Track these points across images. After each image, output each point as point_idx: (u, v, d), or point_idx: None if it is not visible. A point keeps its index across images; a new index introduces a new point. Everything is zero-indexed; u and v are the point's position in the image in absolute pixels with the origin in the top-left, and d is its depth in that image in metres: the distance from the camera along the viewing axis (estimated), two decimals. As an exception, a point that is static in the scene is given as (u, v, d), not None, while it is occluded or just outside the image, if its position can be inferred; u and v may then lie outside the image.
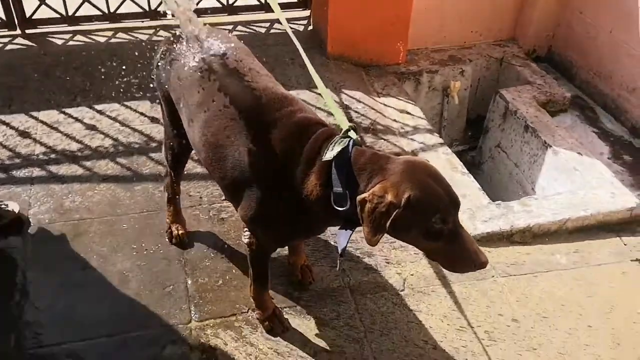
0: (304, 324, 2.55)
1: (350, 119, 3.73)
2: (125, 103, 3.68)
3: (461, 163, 3.45)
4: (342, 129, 2.02)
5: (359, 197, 1.84)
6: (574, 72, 4.55)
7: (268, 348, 2.44)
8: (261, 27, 4.53)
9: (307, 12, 4.62)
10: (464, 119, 4.72)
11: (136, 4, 4.32)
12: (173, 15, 2.18)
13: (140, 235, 2.87)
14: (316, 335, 2.51)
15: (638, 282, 2.89)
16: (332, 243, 2.87)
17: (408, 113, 3.83)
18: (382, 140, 3.57)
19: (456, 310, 2.67)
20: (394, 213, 1.79)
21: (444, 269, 2.11)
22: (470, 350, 2.51)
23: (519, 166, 4.00)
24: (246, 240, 2.27)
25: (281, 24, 4.50)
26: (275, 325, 2.49)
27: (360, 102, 3.88)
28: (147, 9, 4.34)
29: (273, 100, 2.11)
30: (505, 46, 4.74)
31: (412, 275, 2.81)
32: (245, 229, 2.27)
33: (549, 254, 3.00)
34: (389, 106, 3.89)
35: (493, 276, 2.84)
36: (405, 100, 3.98)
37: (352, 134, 1.98)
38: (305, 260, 2.71)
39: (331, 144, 1.93)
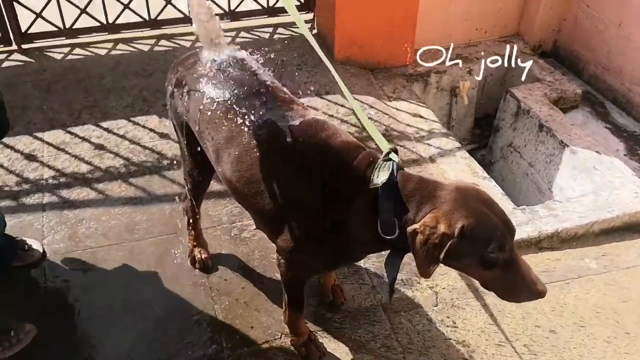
0: (340, 348, 2.47)
1: (363, 126, 3.65)
2: (133, 119, 3.56)
3: (481, 167, 3.39)
4: (381, 150, 1.95)
5: (409, 228, 1.77)
6: (581, 67, 4.50)
7: (306, 375, 2.37)
8: (264, 32, 4.42)
9: (309, 15, 4.52)
10: (472, 118, 4.67)
11: (136, 13, 4.19)
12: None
13: (161, 260, 2.78)
14: (353, 359, 2.44)
15: (669, 283, 2.87)
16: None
17: (421, 117, 3.76)
18: (399, 147, 3.50)
19: (493, 324, 2.62)
20: (448, 244, 1.71)
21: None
22: (510, 364, 2.47)
23: (533, 166, 3.95)
24: (282, 268, 2.18)
25: (286, 28, 4.46)
26: (312, 351, 2.41)
27: (372, 107, 3.80)
28: (147, 18, 4.21)
29: (307, 127, 2.01)
30: (510, 42, 4.68)
31: (443, 288, 2.75)
32: (280, 257, 2.18)
33: (579, 259, 2.96)
34: (401, 110, 3.81)
35: (525, 285, 2.79)
36: (416, 103, 3.91)
37: (393, 156, 1.90)
38: (336, 280, 2.64)
39: (375, 169, 1.85)
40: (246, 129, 2.02)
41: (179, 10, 4.27)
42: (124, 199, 3.07)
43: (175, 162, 3.29)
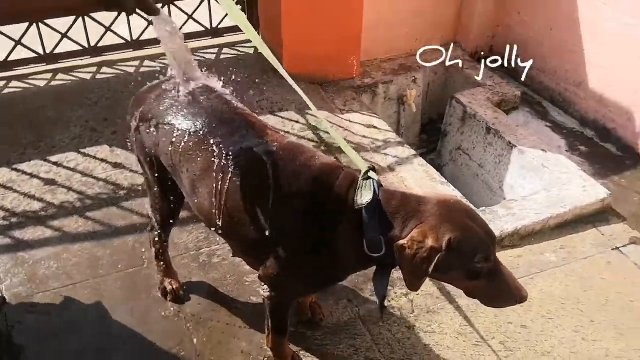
0: (321, 367, 2.48)
1: (321, 140, 3.68)
2: (82, 150, 3.44)
3: (438, 173, 3.48)
4: (360, 170, 1.97)
5: (397, 244, 1.79)
6: (517, 70, 4.70)
7: (294, 396, 2.35)
8: (210, 53, 4.38)
9: (252, 34, 4.52)
10: (419, 125, 4.79)
11: (74, 42, 4.06)
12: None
13: (131, 295, 2.69)
14: (337, 373, 2.45)
15: (622, 270, 3.03)
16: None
17: (375, 127, 3.83)
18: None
19: (468, 326, 2.68)
20: (437, 258, 1.75)
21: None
22: (489, 363, 2.54)
23: (483, 167, 4.09)
24: (267, 294, 2.16)
25: (232, 47, 4.43)
26: (297, 374, 2.41)
27: (327, 121, 3.83)
28: (86, 45, 4.09)
29: (285, 152, 2.01)
30: (449, 50, 4.83)
31: (418, 295, 2.79)
32: (263, 284, 2.16)
33: (539, 254, 3.08)
34: (355, 122, 3.87)
35: (493, 285, 2.88)
36: (368, 114, 3.97)
37: (372, 174, 1.93)
38: (313, 298, 2.63)
39: (358, 189, 1.87)
40: (223, 159, 2.00)
41: (120, 37, 4.18)
42: (83, 234, 2.95)
43: (132, 192, 3.20)
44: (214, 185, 2.01)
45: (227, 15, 4.40)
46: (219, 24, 4.42)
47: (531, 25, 4.46)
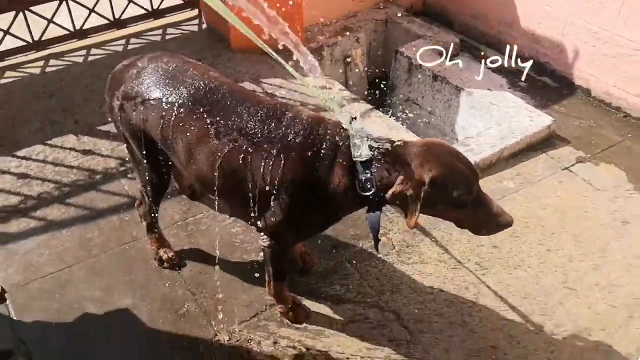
0: (321, 305, 2.66)
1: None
2: (48, 142, 3.45)
3: (397, 123, 3.69)
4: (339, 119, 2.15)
5: (388, 193, 2.00)
6: (451, 19, 4.95)
7: (300, 335, 2.53)
8: (155, 34, 4.40)
9: (195, 12, 4.57)
10: (365, 82, 4.97)
11: (18, 37, 4.01)
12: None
13: (128, 268, 2.79)
14: (336, 311, 2.64)
15: (573, 186, 3.34)
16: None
17: (328, 88, 3.99)
18: (318, 119, 3.71)
19: (445, 253, 2.93)
20: (423, 193, 1.96)
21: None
22: (469, 282, 2.79)
23: (434, 113, 4.33)
24: (266, 243, 2.31)
25: (176, 27, 4.46)
26: (298, 313, 2.58)
27: (282, 87, 3.97)
28: (30, 40, 4.04)
29: (272, 110, 2.16)
30: (385, 7, 5.03)
31: (395, 233, 3.01)
32: (262, 234, 2.31)
33: (498, 182, 3.36)
34: (309, 85, 4.01)
35: (462, 214, 3.13)
36: (319, 77, 4.11)
37: (355, 123, 2.11)
38: (302, 247, 2.81)
39: (353, 139, 2.05)
40: (218, 124, 2.12)
41: (64, 28, 4.14)
42: (68, 220, 3.01)
43: (107, 175, 3.26)
44: (212, 150, 2.13)
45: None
46: (159, 4, 4.44)
47: (460, -25, 4.71)
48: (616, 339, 2.55)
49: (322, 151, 2.09)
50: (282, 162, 2.08)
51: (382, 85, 4.68)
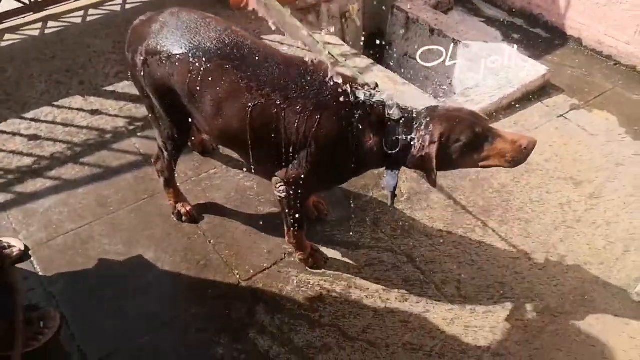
0: (337, 251, 2.78)
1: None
2: (55, 104, 3.48)
3: (398, 76, 3.77)
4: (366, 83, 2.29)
5: (412, 160, 2.19)
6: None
7: (319, 280, 2.66)
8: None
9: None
10: (361, 38, 5.02)
11: (13, -1, 3.98)
12: None
13: (147, 223, 2.88)
14: (352, 256, 2.77)
15: (568, 132, 3.48)
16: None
17: (330, 44, 4.04)
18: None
19: (450, 199, 3.06)
20: (435, 151, 2.12)
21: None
22: (475, 225, 2.93)
23: (431, 67, 4.41)
24: (283, 195, 2.40)
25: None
26: (317, 259, 2.71)
27: (283, 44, 4.01)
28: (27, 2, 4.01)
29: (304, 67, 2.23)
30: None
31: (404, 182, 3.13)
32: (280, 184, 2.40)
33: (498, 131, 3.48)
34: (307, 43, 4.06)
35: (465, 162, 3.25)
36: (320, 32, 4.16)
37: (380, 89, 2.26)
38: (315, 198, 2.91)
39: (386, 104, 2.20)
40: (248, 78, 2.17)
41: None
42: (84, 179, 3.07)
43: (117, 134, 3.31)
44: (243, 104, 2.18)
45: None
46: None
47: None
48: (614, 271, 2.72)
49: (356, 109, 2.19)
50: (318, 117, 2.17)
51: (378, 41, 4.74)
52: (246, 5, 4.27)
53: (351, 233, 2.87)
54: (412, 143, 2.17)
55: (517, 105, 3.64)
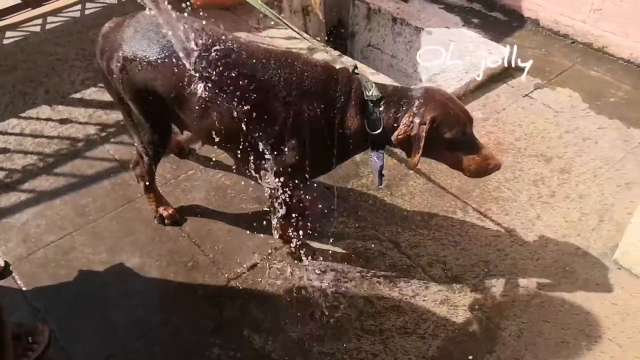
0: (324, 242, 2.80)
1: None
2: (22, 115, 3.40)
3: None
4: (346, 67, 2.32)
5: (394, 137, 2.20)
6: (400, -38, 5.05)
7: (308, 272, 2.68)
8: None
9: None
10: (324, 31, 5.05)
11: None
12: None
13: (129, 230, 2.84)
14: (338, 247, 2.79)
15: (535, 111, 3.57)
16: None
17: (295, 38, 4.05)
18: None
19: (429, 182, 3.12)
20: (424, 132, 2.13)
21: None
22: (455, 207, 2.99)
23: (396, 56, 4.47)
24: (273, 185, 2.40)
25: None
26: (305, 252, 2.72)
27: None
28: None
29: (283, 58, 2.24)
30: None
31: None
32: (267, 177, 2.41)
33: (467, 114, 3.55)
34: (275, 37, 4.07)
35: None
36: (284, 27, 4.16)
37: (358, 70, 2.28)
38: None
39: (364, 82, 2.24)
40: (233, 74, 2.17)
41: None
42: (59, 189, 3.01)
43: (89, 142, 3.26)
44: (233, 100, 2.18)
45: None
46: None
47: None
48: (591, 241, 2.82)
49: (337, 94, 2.23)
50: (301, 106, 2.19)
51: (342, 31, 4.78)
52: (208, 3, 4.24)
53: (335, 223, 2.89)
54: (397, 123, 2.20)
55: (483, 88, 3.73)
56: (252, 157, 2.34)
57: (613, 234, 2.83)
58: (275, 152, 2.28)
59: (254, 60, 2.23)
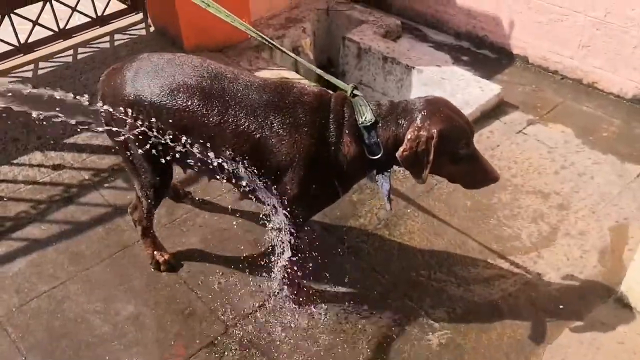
0: (324, 286, 2.75)
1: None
2: (14, 161, 3.35)
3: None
4: (343, 90, 2.32)
5: (398, 153, 2.16)
6: (389, 3, 5.13)
7: (309, 316, 2.62)
8: (103, 42, 4.31)
9: (139, 16, 4.51)
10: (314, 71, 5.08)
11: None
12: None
13: (124, 277, 2.78)
14: (338, 290, 2.74)
15: (529, 147, 3.60)
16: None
17: (287, 78, 4.07)
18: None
19: (428, 220, 3.09)
20: (433, 146, 2.10)
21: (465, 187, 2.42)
22: (456, 245, 2.96)
23: (387, 94, 4.50)
24: (293, 220, 2.35)
25: (123, 32, 4.39)
26: (306, 296, 2.67)
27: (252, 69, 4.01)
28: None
29: (277, 88, 2.25)
30: (323, -4, 5.14)
31: (378, 209, 3.15)
32: (285, 210, 2.35)
33: (462, 152, 3.56)
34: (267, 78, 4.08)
35: (436, 184, 3.29)
36: (276, 68, 4.20)
37: (356, 92, 2.25)
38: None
39: (355, 106, 2.20)
40: (234, 107, 2.19)
41: (8, 43, 4.00)
42: (52, 237, 2.95)
43: (83, 188, 3.21)
44: (234, 130, 2.19)
45: (109, 1, 4.38)
46: (103, 11, 4.36)
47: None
48: (593, 279, 2.78)
49: (330, 122, 2.22)
50: (295, 136, 2.18)
51: (332, 70, 4.81)
52: (200, 45, 4.27)
53: (334, 265, 2.85)
54: (398, 140, 2.17)
55: (476, 124, 3.75)
56: (255, 188, 2.32)
57: (615, 271, 2.81)
58: (276, 186, 2.27)
59: (252, 91, 2.24)
